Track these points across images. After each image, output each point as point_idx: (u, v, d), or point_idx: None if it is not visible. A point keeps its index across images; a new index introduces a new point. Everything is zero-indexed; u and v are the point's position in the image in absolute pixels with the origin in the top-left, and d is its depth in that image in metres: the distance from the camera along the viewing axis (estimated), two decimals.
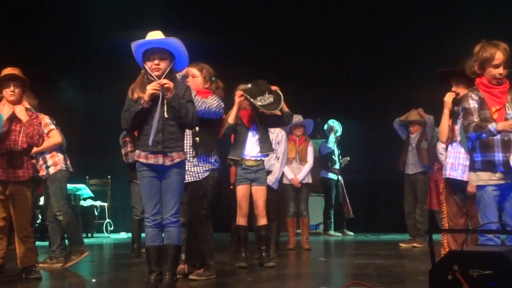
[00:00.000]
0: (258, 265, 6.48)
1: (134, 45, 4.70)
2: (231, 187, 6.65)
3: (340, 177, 11.24)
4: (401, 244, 8.93)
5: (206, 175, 5.57)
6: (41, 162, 6.59)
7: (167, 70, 4.71)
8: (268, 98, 6.34)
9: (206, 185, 5.57)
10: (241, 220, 6.54)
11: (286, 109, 6.47)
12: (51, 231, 6.76)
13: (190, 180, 5.45)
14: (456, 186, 5.29)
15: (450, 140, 5.34)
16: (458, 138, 5.29)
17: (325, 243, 10.30)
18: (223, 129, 6.02)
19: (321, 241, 10.50)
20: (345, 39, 11.94)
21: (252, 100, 6.28)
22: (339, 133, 10.80)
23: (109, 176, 11.35)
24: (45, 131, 6.36)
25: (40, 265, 6.36)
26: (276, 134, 7.51)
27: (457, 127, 5.31)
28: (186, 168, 5.21)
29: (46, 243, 9.31)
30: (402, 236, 9.88)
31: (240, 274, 5.96)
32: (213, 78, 5.69)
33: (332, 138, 10.68)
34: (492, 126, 4.40)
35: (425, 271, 4.03)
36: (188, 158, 5.29)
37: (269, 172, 7.38)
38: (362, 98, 12.16)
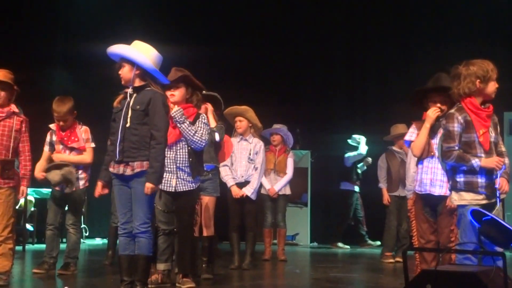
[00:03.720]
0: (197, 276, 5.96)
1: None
2: None
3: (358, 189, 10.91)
4: (383, 261, 8.47)
5: (198, 184, 5.55)
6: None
7: (131, 77, 4.69)
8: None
9: (197, 196, 5.63)
10: None
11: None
12: (72, 236, 6.63)
13: (184, 190, 5.40)
14: (427, 202, 5.13)
15: (426, 154, 5.13)
16: (437, 153, 5.13)
17: (300, 254, 10.27)
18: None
19: (296, 252, 10.47)
20: (326, 50, 11.95)
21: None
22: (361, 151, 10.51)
23: None
24: (85, 145, 6.47)
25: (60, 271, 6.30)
26: (254, 144, 7.44)
27: (434, 141, 5.11)
28: (180, 177, 5.31)
29: (20, 248, 9.21)
30: (378, 249, 9.84)
31: (214, 285, 5.91)
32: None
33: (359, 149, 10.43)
34: (475, 162, 4.37)
35: (399, 287, 4.02)
36: (182, 167, 5.32)
37: (247, 183, 7.35)
38: (341, 110, 12.14)
